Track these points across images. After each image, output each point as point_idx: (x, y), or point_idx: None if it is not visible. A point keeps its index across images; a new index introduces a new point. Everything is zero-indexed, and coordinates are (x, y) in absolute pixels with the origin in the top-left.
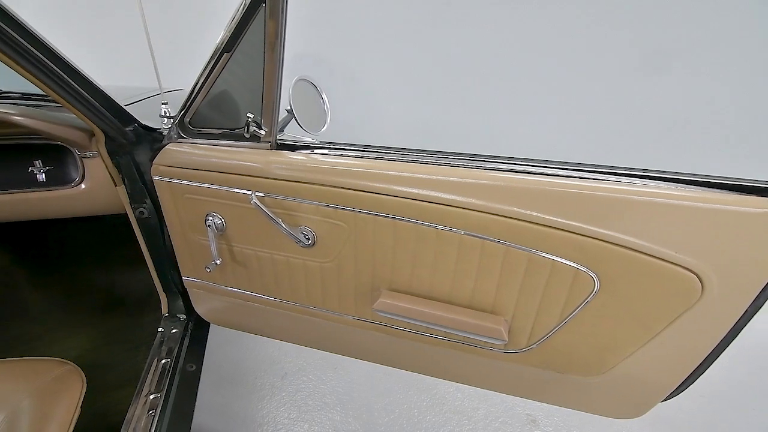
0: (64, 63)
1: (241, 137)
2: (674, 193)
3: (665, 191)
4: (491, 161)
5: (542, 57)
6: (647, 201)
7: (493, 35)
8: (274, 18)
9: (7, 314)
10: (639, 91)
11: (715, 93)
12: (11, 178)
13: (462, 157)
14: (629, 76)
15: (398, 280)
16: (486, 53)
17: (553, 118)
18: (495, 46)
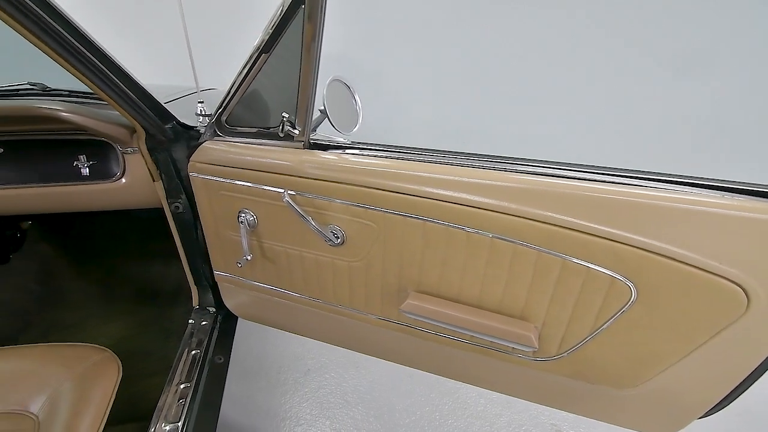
0: (112, 62)
1: (275, 136)
2: (719, 202)
3: (710, 200)
4: (524, 164)
5: (576, 57)
6: (691, 209)
7: (522, 35)
8: (312, 20)
9: (49, 301)
10: (679, 94)
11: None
12: (57, 171)
13: (494, 160)
14: (667, 77)
15: (426, 282)
16: (513, 53)
17: (583, 119)
18: (524, 46)
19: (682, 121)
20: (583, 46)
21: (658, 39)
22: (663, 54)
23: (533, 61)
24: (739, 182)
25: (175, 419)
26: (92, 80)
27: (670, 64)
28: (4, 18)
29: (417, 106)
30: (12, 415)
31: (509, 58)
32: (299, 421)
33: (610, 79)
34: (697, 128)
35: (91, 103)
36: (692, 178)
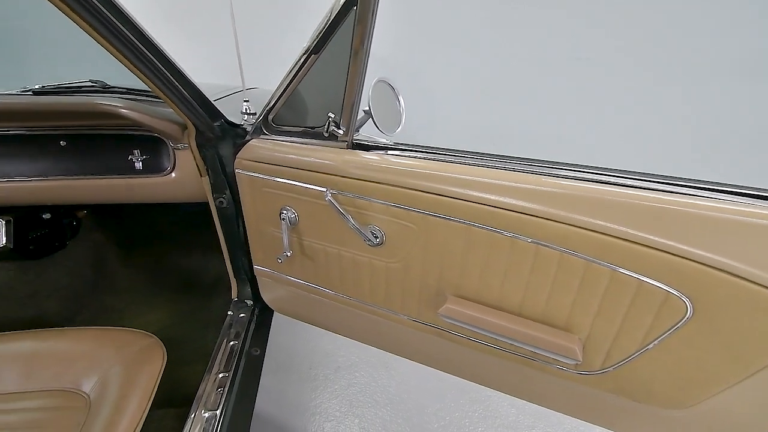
0: (170, 62)
1: (320, 136)
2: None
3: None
4: (573, 170)
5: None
6: (756, 223)
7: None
8: (363, 21)
9: (100, 286)
10: (739, 99)
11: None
12: (113, 164)
13: (541, 165)
14: (724, 81)
15: (466, 287)
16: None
17: (631, 120)
18: (568, 47)
19: (745, 127)
20: (633, 49)
21: (716, 40)
22: (720, 57)
23: (577, 62)
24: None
25: (213, 407)
26: (151, 79)
27: (728, 68)
28: (76, 19)
29: (452, 107)
30: (67, 393)
31: (551, 59)
32: (328, 417)
33: (662, 83)
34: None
35: (146, 100)
36: (759, 189)
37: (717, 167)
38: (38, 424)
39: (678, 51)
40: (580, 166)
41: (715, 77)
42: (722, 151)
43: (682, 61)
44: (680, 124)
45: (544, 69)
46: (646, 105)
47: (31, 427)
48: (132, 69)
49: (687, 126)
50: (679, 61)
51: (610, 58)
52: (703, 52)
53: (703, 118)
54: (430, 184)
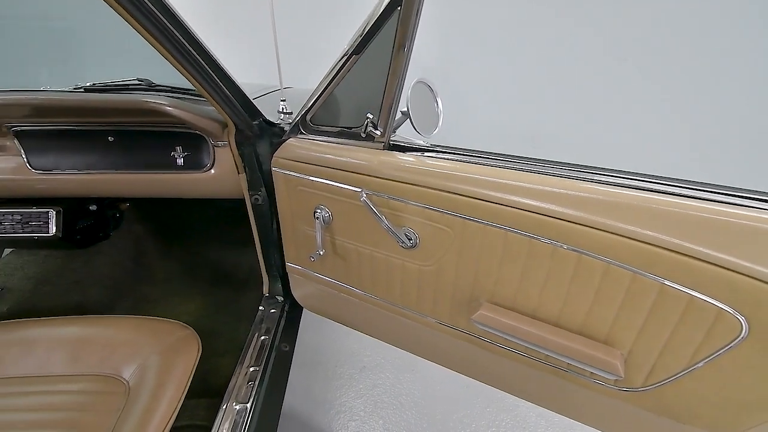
0: (215, 62)
1: (357, 136)
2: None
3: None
4: (617, 176)
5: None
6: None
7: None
8: (406, 22)
9: (139, 276)
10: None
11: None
12: (156, 160)
13: (582, 170)
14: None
15: (501, 294)
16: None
17: (681, 125)
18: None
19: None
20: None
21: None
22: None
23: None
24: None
25: (244, 400)
26: (197, 78)
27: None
28: (130, 21)
29: (484, 108)
30: (108, 378)
31: (588, 59)
32: (353, 417)
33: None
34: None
35: (189, 98)
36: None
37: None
38: (81, 407)
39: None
40: (627, 173)
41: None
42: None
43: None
44: (738, 127)
45: (585, 70)
46: (699, 109)
47: (75, 409)
48: (179, 68)
49: (747, 128)
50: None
51: (653, 59)
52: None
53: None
54: (468, 187)
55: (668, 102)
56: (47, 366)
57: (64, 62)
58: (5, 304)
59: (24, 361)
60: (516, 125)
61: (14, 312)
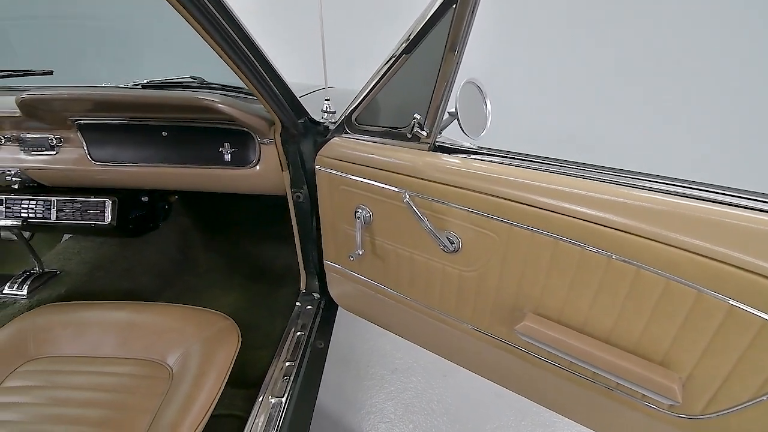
0: (266, 62)
1: (403, 137)
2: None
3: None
4: (681, 185)
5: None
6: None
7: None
8: (460, 21)
9: (184, 266)
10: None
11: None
12: (206, 155)
13: (642, 177)
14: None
15: (548, 305)
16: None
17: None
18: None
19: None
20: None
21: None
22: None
23: (666, 66)
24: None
25: (279, 394)
26: (249, 77)
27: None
28: (191, 21)
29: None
30: (154, 364)
31: (640, 62)
32: (383, 418)
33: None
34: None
35: (239, 96)
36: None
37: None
38: (128, 389)
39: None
40: (689, 182)
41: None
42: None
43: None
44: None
45: (631, 71)
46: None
47: (123, 390)
48: (233, 67)
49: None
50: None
51: (719, 63)
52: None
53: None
54: (515, 192)
55: (728, 106)
56: (98, 347)
57: (123, 60)
58: (63, 287)
59: (78, 341)
60: (558, 127)
61: (70, 294)
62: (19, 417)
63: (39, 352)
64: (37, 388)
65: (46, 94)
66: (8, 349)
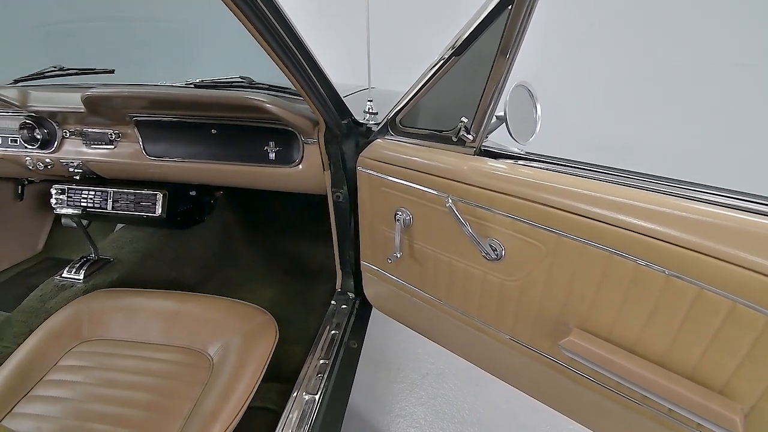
0: (315, 63)
1: (448, 140)
2: None
3: None
4: (750, 200)
5: None
6: None
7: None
8: (515, 23)
9: (225, 259)
10: None
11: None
12: (251, 153)
13: (703, 190)
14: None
15: (595, 321)
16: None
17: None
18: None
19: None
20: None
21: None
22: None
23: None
24: None
25: (313, 391)
26: (297, 78)
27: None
28: (246, 24)
29: (574, 113)
30: (196, 353)
31: (698, 63)
32: (413, 423)
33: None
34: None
35: (285, 96)
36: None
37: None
38: (172, 376)
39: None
40: (758, 197)
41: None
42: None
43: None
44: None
45: (694, 75)
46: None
47: (167, 377)
48: (283, 68)
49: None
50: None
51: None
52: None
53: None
54: (566, 201)
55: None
56: (146, 333)
57: (178, 60)
58: (115, 273)
59: (127, 326)
60: (611, 134)
61: (122, 280)
62: (73, 395)
63: (92, 334)
64: (89, 368)
65: (108, 92)
66: (66, 330)
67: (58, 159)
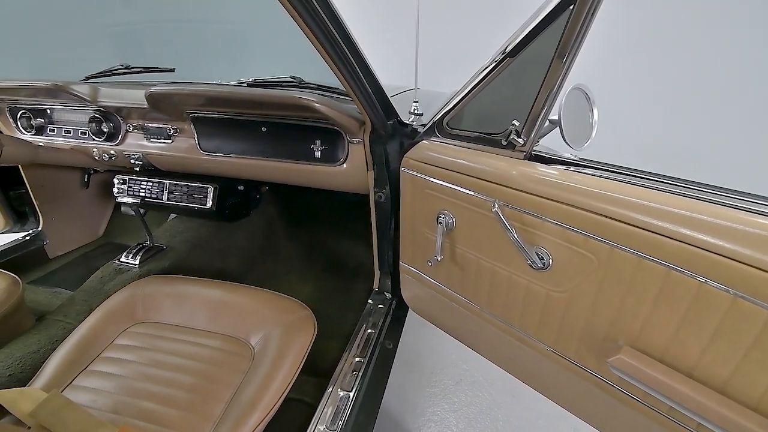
0: (366, 65)
1: (496, 143)
2: None
3: None
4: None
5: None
6: None
7: None
8: (575, 25)
9: (268, 253)
10: None
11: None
12: (298, 151)
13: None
14: None
15: (649, 341)
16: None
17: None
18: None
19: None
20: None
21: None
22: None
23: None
24: None
25: (348, 388)
26: (347, 79)
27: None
28: (300, 24)
29: (630, 120)
30: (239, 341)
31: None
32: (444, 429)
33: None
34: None
35: (333, 96)
36: None
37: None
38: (215, 361)
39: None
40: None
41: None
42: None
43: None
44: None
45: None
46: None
47: (211, 362)
48: (333, 68)
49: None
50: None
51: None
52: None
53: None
54: (623, 211)
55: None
56: (193, 319)
57: (232, 60)
58: (167, 260)
59: (176, 311)
60: (670, 143)
61: (173, 268)
62: (125, 372)
63: (145, 316)
64: (141, 348)
65: (169, 89)
66: (122, 311)
67: (122, 151)
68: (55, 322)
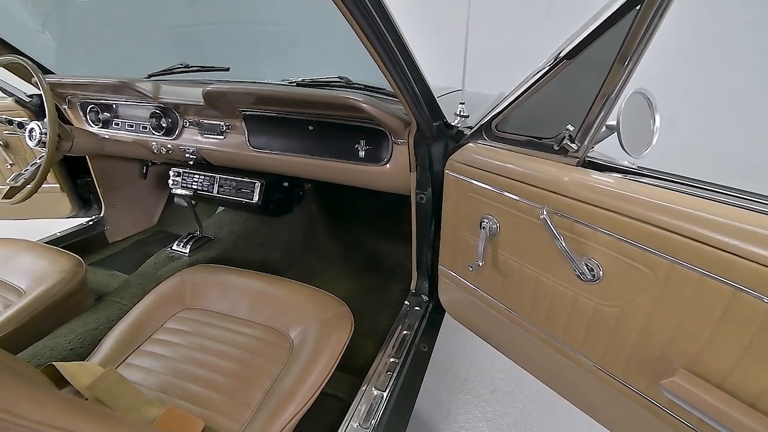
0: (415, 66)
1: (548, 148)
2: None
3: None
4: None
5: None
6: None
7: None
8: (641, 26)
9: (308, 248)
10: None
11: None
12: (343, 150)
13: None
14: None
15: (708, 365)
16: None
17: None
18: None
19: None
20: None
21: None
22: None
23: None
24: None
25: (382, 387)
26: (396, 80)
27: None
28: (353, 24)
29: (692, 127)
30: (278, 333)
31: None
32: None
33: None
34: None
35: (379, 97)
36: None
37: None
38: (255, 350)
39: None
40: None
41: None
42: None
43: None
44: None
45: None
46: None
47: (251, 351)
48: (383, 69)
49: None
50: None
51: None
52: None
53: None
54: (685, 225)
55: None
56: (235, 309)
57: (281, 60)
58: (214, 251)
59: (221, 299)
60: (735, 151)
61: (219, 258)
62: (173, 354)
63: (193, 303)
64: (188, 333)
65: (225, 88)
66: (173, 296)
67: (178, 145)
68: (112, 302)
